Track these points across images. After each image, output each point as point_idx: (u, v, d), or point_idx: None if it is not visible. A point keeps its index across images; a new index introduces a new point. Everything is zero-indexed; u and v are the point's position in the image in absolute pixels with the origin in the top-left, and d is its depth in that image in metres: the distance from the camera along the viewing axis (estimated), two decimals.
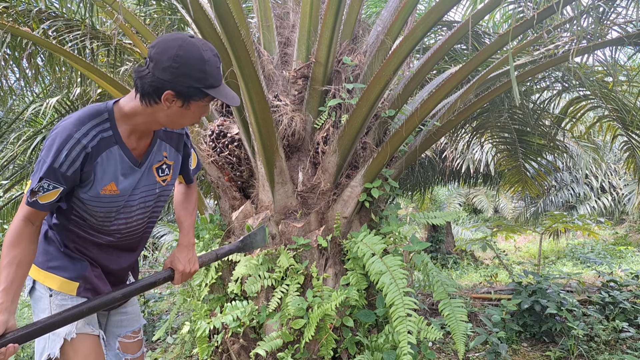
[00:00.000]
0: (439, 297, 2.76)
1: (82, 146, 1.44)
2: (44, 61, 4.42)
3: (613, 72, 4.11)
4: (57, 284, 1.62)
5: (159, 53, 1.38)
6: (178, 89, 1.40)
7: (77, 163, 1.45)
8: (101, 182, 1.52)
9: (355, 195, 3.02)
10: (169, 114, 1.47)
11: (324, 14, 2.80)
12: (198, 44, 1.41)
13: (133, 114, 1.50)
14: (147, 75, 1.40)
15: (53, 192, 1.45)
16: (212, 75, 1.42)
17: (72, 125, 1.45)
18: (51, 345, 1.59)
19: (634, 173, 5.75)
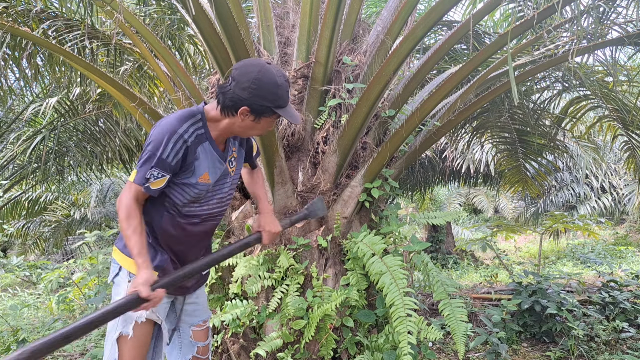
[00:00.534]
0: (439, 297, 2.76)
1: (183, 140, 1.72)
2: (44, 61, 4.41)
3: (613, 72, 4.10)
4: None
5: (241, 74, 1.69)
6: (253, 106, 1.70)
7: (179, 154, 1.72)
8: (198, 172, 1.79)
9: (355, 195, 3.02)
10: (242, 125, 1.77)
11: (324, 14, 2.79)
12: (274, 70, 1.71)
13: (216, 120, 1.80)
14: (229, 91, 1.70)
15: (161, 180, 1.72)
16: (282, 97, 1.73)
17: (176, 122, 1.72)
18: (123, 324, 1.83)
19: (634, 173, 5.74)
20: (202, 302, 2.13)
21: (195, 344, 2.07)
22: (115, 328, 1.84)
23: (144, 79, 4.70)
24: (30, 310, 6.51)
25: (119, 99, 3.50)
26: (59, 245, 11.66)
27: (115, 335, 1.82)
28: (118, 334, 1.82)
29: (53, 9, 4.25)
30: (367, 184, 3.01)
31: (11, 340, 3.82)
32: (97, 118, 5.89)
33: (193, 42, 5.36)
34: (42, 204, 9.80)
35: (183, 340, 2.07)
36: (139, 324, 1.83)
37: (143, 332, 1.85)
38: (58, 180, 6.98)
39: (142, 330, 1.85)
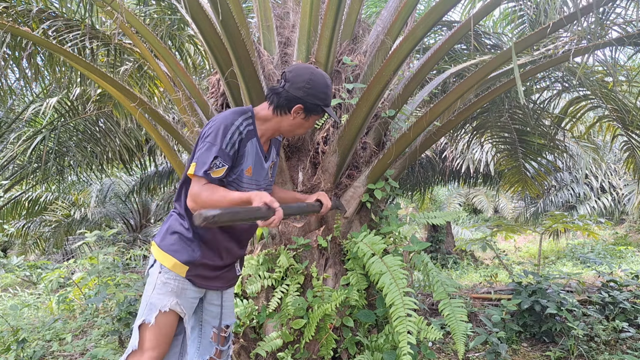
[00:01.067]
0: (439, 297, 2.76)
1: (239, 132, 1.85)
2: (44, 61, 4.42)
3: (613, 72, 4.11)
4: (170, 264, 1.92)
5: (296, 76, 1.88)
6: (306, 104, 1.89)
7: (235, 145, 1.85)
8: (246, 163, 1.91)
9: (357, 195, 3.02)
10: (292, 123, 1.94)
11: (324, 14, 2.79)
12: (323, 73, 1.93)
13: (265, 119, 1.95)
14: (283, 92, 1.88)
15: (222, 169, 1.82)
16: (329, 97, 1.94)
17: (231, 116, 1.86)
18: (147, 313, 1.89)
19: (634, 173, 5.74)
20: (229, 306, 2.17)
21: (214, 346, 2.10)
22: (140, 316, 1.91)
23: (144, 79, 4.70)
24: (31, 310, 6.51)
25: (119, 99, 3.50)
26: (59, 245, 11.66)
27: (138, 322, 1.89)
28: (141, 321, 1.88)
29: (53, 9, 4.25)
30: (370, 185, 3.01)
31: (11, 340, 3.83)
32: (97, 118, 5.89)
33: (193, 42, 5.37)
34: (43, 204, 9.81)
35: (203, 340, 2.11)
36: (162, 313, 1.88)
37: (165, 323, 1.89)
38: (58, 180, 6.99)
39: (165, 320, 1.89)
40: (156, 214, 14.32)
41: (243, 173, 1.91)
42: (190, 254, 1.93)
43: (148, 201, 13.71)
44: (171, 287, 1.91)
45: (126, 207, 13.30)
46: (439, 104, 3.00)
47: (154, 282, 1.93)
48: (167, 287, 1.91)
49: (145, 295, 1.95)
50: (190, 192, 1.82)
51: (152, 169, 9.35)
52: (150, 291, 1.93)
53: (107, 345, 3.97)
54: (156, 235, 2.03)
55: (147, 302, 1.91)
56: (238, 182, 1.92)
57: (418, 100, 4.00)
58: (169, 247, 1.94)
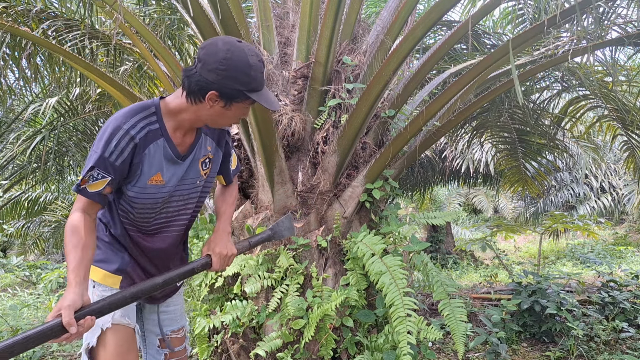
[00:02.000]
0: (439, 298, 2.76)
1: (130, 137, 1.52)
2: (43, 61, 4.41)
3: (613, 72, 4.10)
4: (100, 276, 1.69)
5: (208, 55, 1.47)
6: (222, 90, 1.49)
7: (125, 153, 1.52)
8: (148, 173, 1.59)
9: (356, 195, 3.02)
10: (211, 113, 1.55)
11: (323, 14, 2.79)
12: (245, 49, 1.49)
13: (178, 111, 1.59)
14: (195, 74, 1.48)
15: (101, 182, 1.52)
16: (255, 79, 1.51)
17: (121, 117, 1.53)
18: (90, 335, 1.65)
19: (634, 173, 5.74)
20: (174, 310, 1.97)
21: (162, 352, 1.91)
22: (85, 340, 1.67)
23: (144, 79, 4.70)
24: (30, 310, 6.51)
25: (119, 99, 3.50)
26: (59, 246, 11.65)
27: (83, 348, 1.67)
28: (86, 345, 1.66)
29: (53, 9, 4.25)
30: (368, 185, 3.01)
31: None
32: (97, 118, 5.89)
33: (193, 42, 5.36)
34: (42, 204, 9.79)
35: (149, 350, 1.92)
36: (105, 331, 1.64)
37: (118, 340, 1.67)
38: (58, 180, 6.98)
39: (113, 337, 1.66)
40: None
41: (146, 184, 1.60)
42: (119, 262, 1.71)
43: None
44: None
45: None
46: (434, 103, 2.99)
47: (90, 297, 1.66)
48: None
49: None
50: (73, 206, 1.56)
51: None
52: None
53: None
54: None
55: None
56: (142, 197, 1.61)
57: (418, 100, 4.00)
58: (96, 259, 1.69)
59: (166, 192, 1.66)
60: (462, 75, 2.97)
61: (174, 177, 1.66)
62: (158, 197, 1.65)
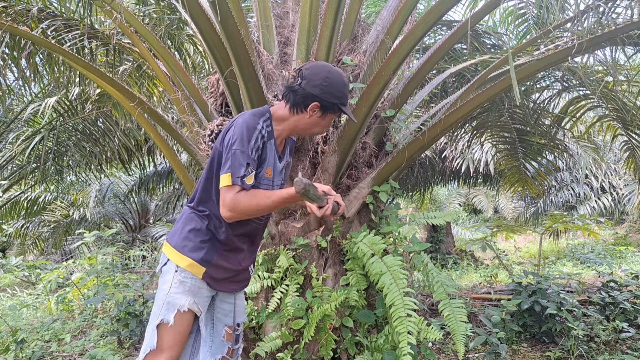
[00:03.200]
0: (439, 298, 2.75)
1: (261, 135, 1.83)
2: (43, 61, 4.41)
3: (613, 72, 4.10)
4: (186, 264, 1.89)
5: (312, 74, 1.85)
6: (323, 102, 1.85)
7: (259, 150, 1.84)
8: (266, 166, 1.90)
9: (361, 196, 3.01)
10: (308, 122, 1.90)
11: (323, 14, 2.79)
12: (340, 71, 1.90)
13: (282, 119, 1.92)
14: (299, 89, 1.85)
15: (252, 175, 1.81)
16: (346, 96, 1.90)
17: (253, 119, 1.83)
18: (165, 312, 1.87)
19: (634, 173, 5.74)
20: (240, 304, 2.16)
21: (226, 345, 2.08)
22: (157, 315, 1.88)
23: (143, 79, 4.69)
24: (29, 310, 6.49)
25: (118, 99, 3.49)
26: (58, 246, 11.65)
27: (156, 322, 1.87)
28: (159, 320, 1.86)
29: (52, 9, 4.24)
30: (375, 187, 3.01)
31: (10, 340, 3.81)
32: (96, 118, 5.88)
33: (192, 42, 5.36)
34: (41, 204, 9.79)
35: (215, 338, 2.08)
36: (181, 312, 1.87)
37: (183, 322, 1.89)
38: (57, 180, 6.98)
39: (182, 319, 1.88)
40: (155, 214, 14.31)
41: (263, 175, 1.90)
42: (207, 254, 1.91)
43: (147, 201, 13.70)
44: (188, 285, 1.89)
45: (125, 207, 13.30)
46: (454, 113, 2.98)
47: (170, 280, 1.90)
48: (185, 286, 1.89)
49: (161, 294, 1.92)
50: (224, 201, 1.78)
51: (151, 168, 9.33)
52: (166, 290, 1.90)
53: (106, 346, 3.96)
54: (169, 236, 2.00)
55: (165, 302, 1.88)
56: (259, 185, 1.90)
57: (418, 100, 4.00)
58: (183, 247, 1.92)
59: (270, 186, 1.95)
60: (487, 88, 2.97)
61: (274, 174, 1.96)
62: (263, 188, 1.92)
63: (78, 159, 6.15)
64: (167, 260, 1.95)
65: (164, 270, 1.96)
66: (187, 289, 1.89)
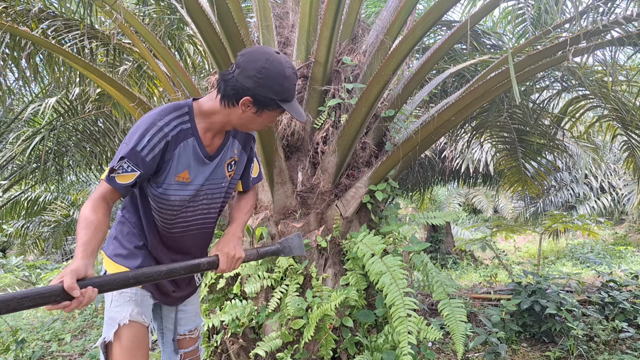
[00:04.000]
0: (439, 298, 2.76)
1: (163, 134, 1.56)
2: (43, 61, 4.41)
3: (612, 72, 4.10)
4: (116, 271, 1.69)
5: (247, 62, 1.54)
6: (256, 97, 1.55)
7: (156, 149, 1.56)
8: (176, 170, 1.64)
9: (359, 196, 3.02)
10: (242, 117, 1.61)
11: (323, 14, 2.79)
12: (282, 60, 1.56)
13: (211, 113, 1.64)
14: (231, 79, 1.56)
15: (130, 175, 1.55)
16: (288, 90, 1.58)
17: (156, 115, 1.58)
18: (107, 329, 1.68)
19: (634, 173, 5.74)
20: (191, 310, 2.00)
21: (179, 352, 1.96)
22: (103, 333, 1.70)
23: (143, 79, 4.70)
24: (29, 310, 6.50)
25: (118, 99, 3.49)
26: (58, 246, 11.64)
27: (99, 342, 1.70)
28: (102, 340, 1.68)
29: (52, 9, 4.24)
30: (371, 186, 3.01)
31: (10, 340, 3.82)
32: (96, 118, 5.88)
33: (192, 42, 5.36)
34: (42, 204, 9.79)
35: (166, 348, 1.96)
36: (122, 327, 1.67)
37: (130, 336, 1.67)
38: (57, 180, 6.98)
39: (128, 333, 1.67)
40: None
41: (172, 180, 1.64)
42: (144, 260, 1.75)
43: None
44: (128, 295, 1.71)
45: None
46: (447, 110, 2.99)
47: (110, 294, 1.71)
48: (124, 297, 1.71)
49: (105, 309, 1.74)
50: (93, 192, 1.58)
51: None
52: (108, 304, 1.72)
53: None
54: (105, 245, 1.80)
55: (107, 317, 1.70)
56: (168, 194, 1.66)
57: (417, 100, 4.00)
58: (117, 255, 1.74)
59: (192, 191, 1.70)
60: (479, 85, 2.97)
61: (200, 176, 1.70)
62: (184, 195, 1.69)
63: (78, 159, 6.15)
64: (105, 272, 1.75)
65: None
66: (128, 299, 1.71)
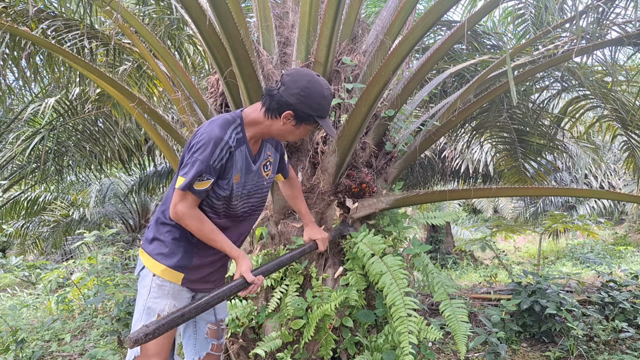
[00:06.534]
0: (440, 299, 2.76)
1: (228, 146, 1.81)
2: (43, 61, 4.41)
3: (612, 72, 4.10)
4: (160, 269, 1.91)
5: (291, 81, 1.80)
6: (297, 112, 1.81)
7: (224, 159, 1.81)
8: (234, 172, 1.88)
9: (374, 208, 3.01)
10: (282, 128, 1.87)
11: (323, 14, 2.79)
12: (322, 82, 1.84)
13: (256, 123, 1.89)
14: (276, 95, 1.81)
15: (207, 182, 1.81)
16: (324, 109, 1.85)
17: (221, 130, 1.80)
18: (146, 318, 1.87)
19: (634, 173, 5.75)
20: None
21: (210, 342, 2.10)
22: (138, 321, 1.88)
23: (143, 79, 4.70)
24: (30, 310, 6.50)
25: (118, 99, 3.49)
26: (58, 245, 11.65)
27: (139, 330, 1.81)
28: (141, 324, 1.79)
29: (52, 9, 4.24)
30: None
31: (10, 340, 3.82)
32: (96, 118, 5.89)
33: (192, 42, 5.36)
34: (41, 204, 9.79)
35: (198, 336, 2.11)
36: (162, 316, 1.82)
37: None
38: (57, 180, 6.98)
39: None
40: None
41: (231, 182, 1.89)
42: (182, 259, 1.91)
43: (147, 201, 13.69)
44: (167, 289, 1.89)
45: (125, 207, 13.29)
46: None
47: (148, 285, 1.90)
48: (164, 290, 1.89)
49: (141, 299, 1.91)
50: (174, 205, 1.81)
51: (151, 168, 9.34)
52: (145, 295, 1.90)
53: (106, 346, 3.96)
54: (144, 243, 1.99)
55: (144, 307, 1.88)
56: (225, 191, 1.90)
57: (417, 100, 4.00)
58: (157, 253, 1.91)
59: (245, 190, 1.96)
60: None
61: (249, 176, 1.96)
62: (238, 193, 1.94)
63: (78, 159, 6.15)
64: (143, 266, 1.95)
65: (141, 275, 1.96)
66: (167, 293, 1.90)
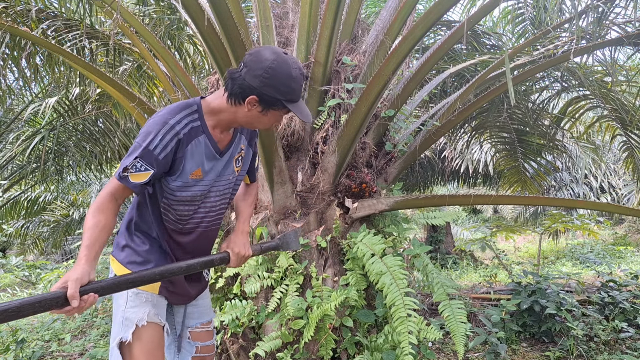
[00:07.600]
0: (439, 299, 2.76)
1: (175, 132, 1.58)
2: (43, 61, 4.41)
3: (612, 72, 4.11)
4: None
5: (254, 61, 1.55)
6: (262, 96, 1.56)
7: (169, 147, 1.57)
8: (190, 168, 1.65)
9: (374, 209, 3.03)
10: (247, 116, 1.63)
11: (323, 14, 2.79)
12: (289, 61, 1.57)
13: (218, 110, 1.66)
14: (238, 78, 1.57)
15: (144, 174, 1.57)
16: (294, 91, 1.59)
17: (167, 114, 1.59)
18: (124, 330, 1.69)
19: (633, 173, 5.75)
20: (203, 304, 2.03)
21: (194, 344, 1.98)
22: (116, 334, 1.71)
23: (143, 79, 4.70)
24: None
25: (118, 99, 3.49)
26: (58, 246, 11.65)
27: (115, 342, 1.69)
28: (118, 340, 1.68)
29: (52, 9, 4.24)
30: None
31: (10, 340, 3.82)
32: (96, 118, 5.89)
33: (192, 42, 5.36)
34: (42, 204, 9.79)
35: (182, 342, 1.99)
36: (140, 328, 1.69)
37: (149, 334, 1.71)
38: (57, 180, 6.98)
39: (148, 332, 1.70)
40: None
41: (188, 179, 1.66)
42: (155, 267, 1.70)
43: None
44: (144, 296, 1.74)
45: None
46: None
47: (124, 295, 1.73)
48: (141, 298, 1.73)
49: (118, 310, 1.74)
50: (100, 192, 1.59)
51: None
52: (123, 305, 1.72)
53: (106, 346, 3.96)
54: (113, 249, 1.81)
55: (122, 318, 1.71)
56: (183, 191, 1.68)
57: (417, 100, 4.01)
58: (127, 260, 1.75)
59: (205, 187, 1.73)
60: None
61: (212, 172, 1.73)
62: (197, 191, 1.71)
63: (78, 159, 6.16)
64: (115, 275, 1.76)
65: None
66: (144, 300, 1.74)
